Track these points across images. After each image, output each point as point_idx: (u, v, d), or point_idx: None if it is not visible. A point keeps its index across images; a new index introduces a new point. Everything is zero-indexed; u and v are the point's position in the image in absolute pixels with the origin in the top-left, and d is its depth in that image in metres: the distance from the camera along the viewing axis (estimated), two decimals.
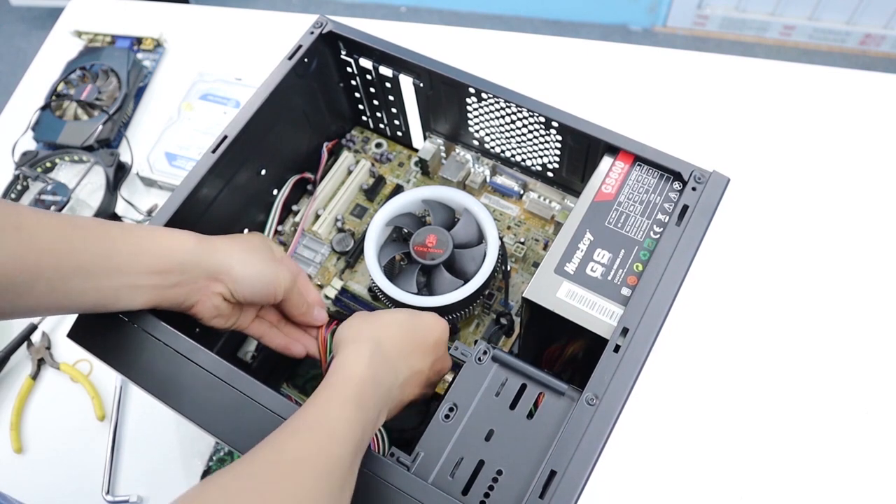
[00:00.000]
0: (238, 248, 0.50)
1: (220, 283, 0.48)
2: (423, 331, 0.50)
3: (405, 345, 0.48)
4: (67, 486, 0.67)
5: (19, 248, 0.40)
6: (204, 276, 0.48)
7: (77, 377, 0.72)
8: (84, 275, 0.42)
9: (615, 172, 0.53)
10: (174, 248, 0.47)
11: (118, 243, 0.44)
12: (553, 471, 0.40)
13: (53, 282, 0.41)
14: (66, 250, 0.42)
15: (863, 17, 1.68)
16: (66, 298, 0.42)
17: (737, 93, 0.87)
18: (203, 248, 0.48)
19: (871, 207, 0.78)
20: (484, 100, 0.58)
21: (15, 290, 0.40)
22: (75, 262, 0.42)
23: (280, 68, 0.59)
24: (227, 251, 0.49)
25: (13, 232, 0.40)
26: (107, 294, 0.44)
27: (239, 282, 0.49)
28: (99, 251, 0.43)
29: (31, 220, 0.41)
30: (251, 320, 0.54)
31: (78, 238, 0.43)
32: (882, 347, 0.70)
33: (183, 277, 0.47)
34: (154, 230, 0.48)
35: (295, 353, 0.55)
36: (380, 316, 0.50)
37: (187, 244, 0.47)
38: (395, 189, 0.69)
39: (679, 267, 0.47)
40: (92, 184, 0.83)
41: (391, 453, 0.44)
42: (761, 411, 0.67)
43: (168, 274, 0.46)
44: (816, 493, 0.63)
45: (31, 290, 0.40)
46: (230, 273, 0.48)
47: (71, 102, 0.88)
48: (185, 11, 1.02)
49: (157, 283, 0.45)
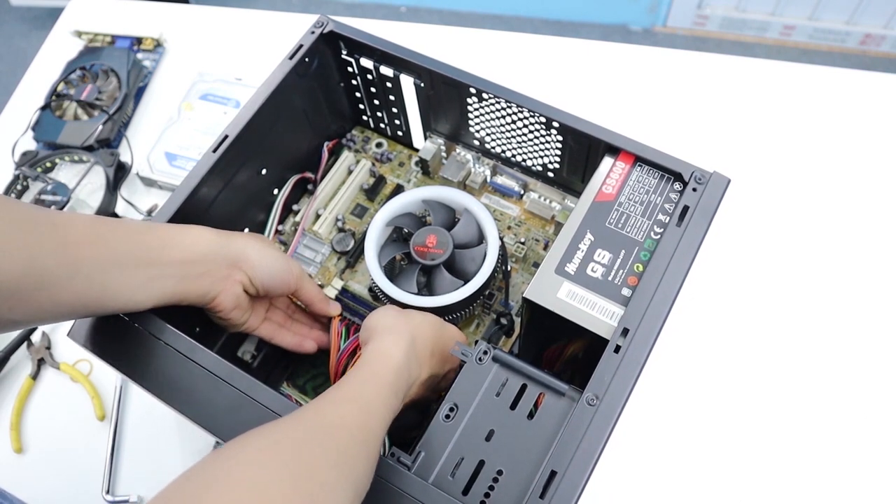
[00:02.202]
0: (252, 238, 0.53)
1: (240, 270, 0.50)
2: (448, 338, 0.53)
3: (433, 347, 0.51)
4: (67, 486, 0.67)
5: (58, 241, 0.40)
6: (226, 265, 0.49)
7: (77, 377, 0.72)
8: (119, 267, 0.43)
9: (616, 173, 0.53)
10: (196, 241, 0.48)
11: (145, 237, 0.46)
12: (553, 471, 0.40)
13: (91, 275, 0.42)
14: (101, 243, 0.43)
15: (863, 17, 1.68)
16: (102, 292, 0.43)
17: (737, 93, 0.87)
18: (222, 239, 0.50)
19: (871, 208, 0.78)
20: (485, 100, 0.58)
21: (57, 283, 0.40)
22: (110, 254, 0.43)
23: (281, 68, 0.59)
24: (243, 241, 0.51)
25: (50, 228, 0.40)
26: (136, 287, 0.44)
27: (257, 268, 0.51)
28: (129, 244, 0.44)
29: (63, 217, 0.42)
30: (261, 321, 0.56)
31: (109, 232, 0.44)
32: (882, 349, 0.70)
33: (207, 268, 0.48)
34: (173, 226, 0.49)
35: (307, 350, 0.58)
36: (413, 314, 0.53)
37: (206, 236, 0.49)
38: (395, 189, 0.69)
39: (679, 267, 0.47)
40: (92, 184, 0.83)
41: (392, 453, 0.44)
42: (761, 413, 0.67)
43: (193, 264, 0.47)
44: (816, 494, 0.63)
45: (71, 283, 0.41)
46: (249, 260, 0.50)
47: (71, 102, 0.88)
48: (185, 11, 1.02)
49: (185, 274, 0.47)
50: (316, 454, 0.36)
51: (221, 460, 0.34)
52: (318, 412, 0.40)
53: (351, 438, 0.39)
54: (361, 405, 0.42)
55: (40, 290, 0.39)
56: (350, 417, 0.40)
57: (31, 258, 0.38)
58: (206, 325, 0.60)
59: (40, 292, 0.39)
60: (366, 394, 0.43)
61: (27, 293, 0.39)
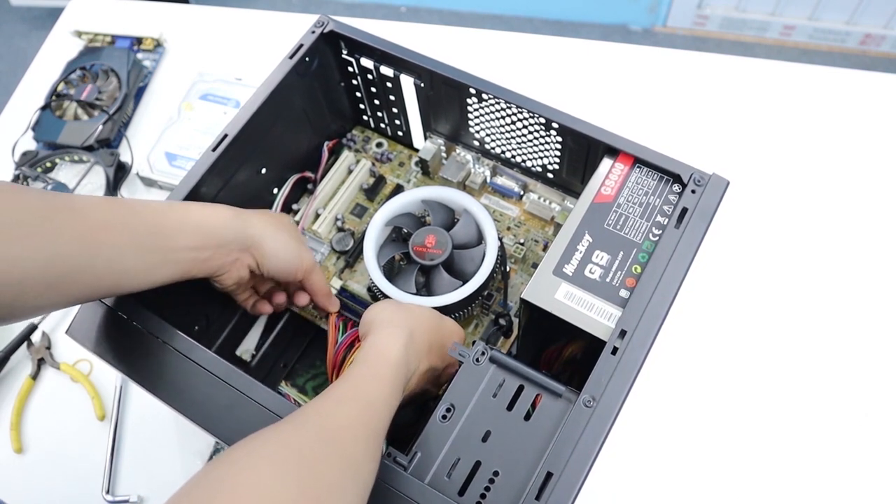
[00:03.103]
0: (270, 223, 0.53)
1: (250, 255, 0.51)
2: (447, 332, 0.53)
3: (431, 340, 0.51)
4: (67, 486, 0.67)
5: (78, 227, 0.40)
6: (238, 249, 0.50)
7: (77, 377, 0.72)
8: (137, 250, 0.43)
9: (615, 174, 0.53)
10: (214, 224, 0.48)
11: (162, 218, 0.46)
12: (550, 472, 0.41)
13: (111, 259, 0.42)
14: (120, 227, 0.43)
15: (863, 17, 1.67)
16: (120, 275, 0.43)
17: (737, 93, 0.87)
18: (239, 221, 0.50)
19: (871, 208, 0.78)
20: (484, 100, 0.58)
21: (79, 269, 0.40)
22: (128, 237, 0.43)
23: (281, 67, 0.59)
24: (260, 226, 0.51)
25: (69, 213, 0.40)
26: (151, 269, 0.45)
27: (267, 256, 0.51)
28: (148, 227, 0.44)
29: (81, 201, 0.42)
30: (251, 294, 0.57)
31: (128, 215, 0.44)
32: (881, 350, 0.70)
33: (219, 251, 0.49)
34: (191, 205, 0.49)
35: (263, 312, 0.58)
36: (411, 308, 0.53)
37: (224, 217, 0.49)
38: (395, 189, 0.69)
39: (678, 269, 0.47)
40: (92, 184, 0.83)
41: (388, 453, 0.44)
42: (759, 415, 0.67)
43: (206, 248, 0.48)
44: (816, 495, 0.63)
45: (92, 268, 0.41)
46: (261, 248, 0.51)
47: (71, 102, 0.88)
48: (185, 11, 1.02)
49: (196, 257, 0.47)
50: (321, 458, 0.36)
51: (227, 466, 0.34)
52: (320, 413, 0.40)
53: (355, 439, 0.39)
54: (363, 403, 0.42)
55: (63, 278, 0.39)
56: (353, 417, 0.40)
57: (54, 247, 0.38)
58: (205, 324, 0.60)
59: (63, 279, 0.39)
60: (367, 391, 0.43)
61: (51, 282, 0.39)
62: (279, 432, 0.37)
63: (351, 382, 0.43)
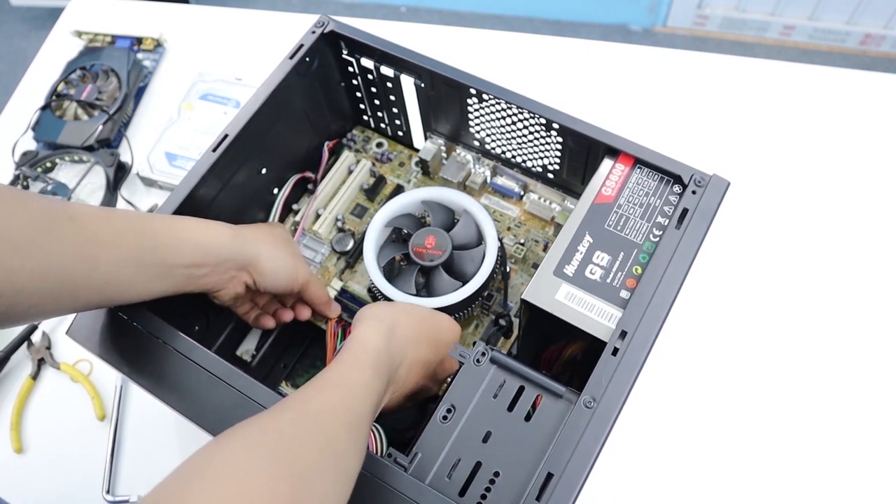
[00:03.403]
0: (267, 240, 0.53)
1: (247, 273, 0.52)
2: (436, 325, 0.54)
3: (416, 332, 0.51)
4: (67, 486, 0.67)
5: (77, 238, 0.40)
6: (235, 268, 0.50)
7: (77, 377, 0.72)
8: (135, 265, 0.43)
9: (615, 175, 0.53)
10: (212, 243, 0.49)
11: (162, 235, 0.46)
12: (550, 473, 0.41)
13: (108, 273, 0.42)
14: (119, 241, 0.43)
15: (863, 17, 1.67)
16: (116, 288, 0.43)
17: (737, 93, 0.87)
18: (238, 242, 0.50)
19: (871, 208, 0.78)
20: (485, 101, 0.58)
21: (76, 281, 0.40)
22: (127, 252, 0.43)
23: (281, 67, 0.59)
24: (257, 245, 0.52)
25: (68, 222, 0.40)
26: (147, 283, 0.45)
27: (264, 275, 0.52)
28: (146, 242, 0.44)
29: (82, 210, 0.42)
30: (251, 307, 0.58)
31: (128, 230, 0.44)
32: (881, 351, 0.70)
33: (217, 269, 0.49)
34: (191, 222, 0.49)
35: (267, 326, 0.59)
36: (398, 304, 0.54)
37: (223, 237, 0.50)
38: (395, 189, 0.69)
39: (678, 270, 0.47)
40: (92, 184, 0.83)
41: (388, 454, 0.44)
42: (760, 416, 0.67)
43: (204, 266, 0.48)
44: (816, 495, 0.63)
45: (90, 280, 0.41)
46: (258, 266, 0.52)
47: (71, 102, 0.88)
48: (185, 11, 1.02)
49: (193, 273, 0.47)
50: (300, 439, 0.36)
51: (207, 453, 0.34)
52: (302, 399, 0.40)
53: (336, 422, 0.39)
54: (344, 389, 0.42)
55: (60, 289, 0.39)
56: (333, 401, 0.41)
57: (52, 258, 0.38)
58: (205, 325, 0.60)
59: (60, 290, 0.39)
60: (348, 377, 0.43)
61: (48, 292, 0.39)
62: (259, 418, 0.37)
63: (332, 370, 0.44)
